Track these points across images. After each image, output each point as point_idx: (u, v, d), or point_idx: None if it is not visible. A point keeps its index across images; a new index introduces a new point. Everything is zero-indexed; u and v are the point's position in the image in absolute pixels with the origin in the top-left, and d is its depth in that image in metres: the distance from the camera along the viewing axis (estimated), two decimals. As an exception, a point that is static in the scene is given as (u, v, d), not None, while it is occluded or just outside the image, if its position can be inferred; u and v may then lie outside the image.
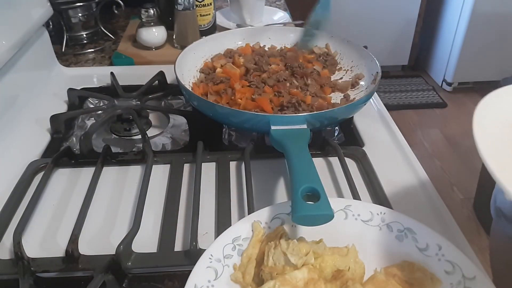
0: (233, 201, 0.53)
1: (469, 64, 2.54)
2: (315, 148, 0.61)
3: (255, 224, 0.42)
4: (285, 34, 0.80)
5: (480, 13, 2.35)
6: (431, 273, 0.40)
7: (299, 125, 0.53)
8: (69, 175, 0.58)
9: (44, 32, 0.80)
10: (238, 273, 0.39)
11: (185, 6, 0.88)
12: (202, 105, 0.59)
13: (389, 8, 2.56)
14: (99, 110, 0.70)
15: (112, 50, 0.96)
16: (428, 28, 2.73)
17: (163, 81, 0.77)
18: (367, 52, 0.71)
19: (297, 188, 0.41)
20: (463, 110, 2.52)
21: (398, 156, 0.62)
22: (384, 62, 2.70)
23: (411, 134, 2.33)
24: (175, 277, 0.44)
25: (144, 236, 0.48)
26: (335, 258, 0.41)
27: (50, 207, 0.53)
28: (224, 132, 0.66)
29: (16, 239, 0.44)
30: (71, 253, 0.44)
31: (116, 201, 0.54)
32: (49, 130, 0.66)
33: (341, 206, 0.45)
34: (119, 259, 0.43)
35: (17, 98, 0.69)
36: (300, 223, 0.42)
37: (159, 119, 0.72)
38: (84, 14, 0.97)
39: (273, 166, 0.59)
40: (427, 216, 0.51)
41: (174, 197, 0.54)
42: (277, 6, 1.23)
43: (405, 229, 0.43)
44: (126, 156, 0.60)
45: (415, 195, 0.55)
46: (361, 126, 0.68)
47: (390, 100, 2.60)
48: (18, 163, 0.58)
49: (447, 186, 1.97)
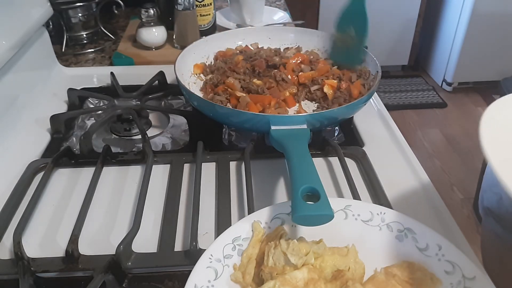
0: (233, 201, 0.53)
1: (469, 64, 2.55)
2: (315, 148, 0.61)
3: (255, 224, 0.43)
4: (285, 34, 0.80)
5: (480, 13, 2.35)
6: (431, 273, 0.40)
7: (299, 125, 0.53)
8: (69, 175, 0.58)
9: (44, 32, 0.80)
10: (238, 273, 0.39)
11: (185, 6, 0.88)
12: (202, 105, 0.59)
13: (389, 8, 2.56)
14: (99, 110, 0.70)
15: (112, 50, 0.96)
16: (428, 28, 2.73)
17: (163, 81, 0.77)
18: (367, 52, 0.71)
19: (297, 188, 0.41)
20: (463, 110, 2.52)
21: (398, 156, 0.62)
22: (384, 62, 2.70)
23: (411, 134, 2.33)
24: (175, 277, 0.44)
25: (144, 236, 0.48)
26: (335, 258, 0.41)
27: (50, 207, 0.53)
28: (224, 132, 0.66)
29: (16, 239, 0.44)
30: (71, 253, 0.44)
31: (116, 201, 0.54)
32: (49, 130, 0.66)
33: (341, 206, 0.45)
34: (119, 259, 0.43)
35: (17, 98, 0.69)
36: (300, 223, 0.42)
37: (159, 119, 0.72)
38: (84, 14, 0.97)
39: (273, 166, 0.59)
40: (427, 216, 0.51)
41: (174, 197, 0.54)
42: (277, 6, 1.23)
43: (405, 229, 0.43)
44: (126, 156, 0.60)
45: (415, 195, 0.55)
46: (361, 126, 0.68)
47: (390, 100, 2.60)
48: (18, 163, 0.58)
49: (447, 186, 1.97)
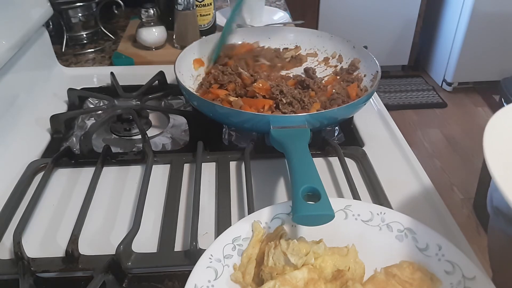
0: (233, 201, 0.53)
1: (469, 64, 2.54)
2: (315, 148, 0.61)
3: (255, 224, 0.42)
4: (285, 34, 0.80)
5: (480, 13, 2.35)
6: (431, 273, 0.40)
7: (299, 125, 0.53)
8: (69, 175, 0.58)
9: (44, 32, 0.80)
10: (238, 273, 0.39)
11: (185, 6, 0.88)
12: (202, 105, 0.59)
13: (389, 8, 2.56)
14: (99, 110, 0.70)
15: (112, 50, 0.96)
16: (428, 28, 2.73)
17: (163, 81, 0.77)
18: (367, 52, 0.71)
19: (298, 188, 0.41)
20: (463, 110, 2.52)
21: (398, 156, 0.62)
22: (384, 62, 2.70)
23: (411, 134, 2.33)
24: (175, 277, 0.44)
25: (144, 236, 0.48)
26: (335, 258, 0.41)
27: (50, 207, 0.53)
28: (224, 132, 0.66)
29: (16, 239, 0.44)
30: (71, 253, 0.44)
31: (116, 201, 0.54)
32: (49, 130, 0.66)
33: (341, 206, 0.45)
34: (119, 259, 0.43)
35: (17, 98, 0.69)
36: (300, 223, 0.42)
37: (159, 119, 0.72)
38: (84, 14, 0.97)
39: (273, 166, 0.59)
40: (427, 216, 0.51)
41: (174, 197, 0.54)
42: (277, 6, 1.23)
43: (405, 229, 0.43)
44: (126, 156, 0.60)
45: (415, 195, 0.55)
46: (361, 126, 0.68)
47: (390, 100, 2.60)
48: (18, 163, 0.58)
49: (447, 186, 1.97)
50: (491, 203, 0.44)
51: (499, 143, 0.36)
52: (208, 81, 0.68)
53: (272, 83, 0.63)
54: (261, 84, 0.63)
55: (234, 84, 0.66)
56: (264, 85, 0.62)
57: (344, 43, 0.76)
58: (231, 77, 0.66)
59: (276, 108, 0.61)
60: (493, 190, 0.45)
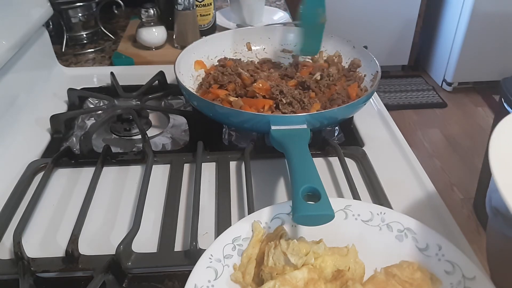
0: (233, 201, 0.53)
1: (469, 64, 2.54)
2: (315, 148, 0.61)
3: (255, 224, 0.42)
4: (285, 34, 0.80)
5: (480, 13, 2.35)
6: (431, 273, 0.40)
7: (299, 125, 0.53)
8: (69, 175, 0.58)
9: (44, 32, 0.80)
10: (238, 273, 0.39)
11: (185, 6, 0.88)
12: (202, 105, 0.59)
13: (389, 8, 2.56)
14: (99, 110, 0.70)
15: (112, 50, 0.96)
16: (428, 28, 2.73)
17: (163, 81, 0.77)
18: (367, 52, 0.71)
19: (298, 188, 0.41)
20: (463, 110, 2.52)
21: (398, 156, 0.62)
22: (384, 62, 2.70)
23: (411, 134, 2.33)
24: (175, 277, 0.44)
25: (144, 236, 0.48)
26: (335, 258, 0.41)
27: (50, 207, 0.53)
28: (224, 132, 0.66)
29: (16, 239, 0.44)
30: (71, 253, 0.44)
31: (116, 201, 0.54)
32: (49, 130, 0.66)
33: (341, 206, 0.45)
34: (119, 259, 0.43)
35: (17, 98, 0.69)
36: (300, 223, 0.42)
37: (159, 119, 0.72)
38: (84, 14, 0.97)
39: (273, 166, 0.59)
40: (427, 216, 0.51)
41: (174, 197, 0.54)
42: (277, 6, 1.23)
43: (405, 229, 0.43)
44: (126, 156, 0.60)
45: (415, 195, 0.55)
46: (361, 126, 0.68)
47: (390, 100, 2.60)
48: (18, 163, 0.58)
49: (447, 186, 1.97)
50: (490, 204, 0.44)
51: (505, 148, 0.36)
52: (208, 81, 0.68)
53: (272, 83, 0.63)
54: (261, 84, 0.62)
55: (234, 84, 0.66)
56: (264, 85, 0.62)
57: (344, 43, 0.76)
58: (231, 77, 0.66)
59: (276, 108, 0.61)
60: (492, 190, 0.45)
